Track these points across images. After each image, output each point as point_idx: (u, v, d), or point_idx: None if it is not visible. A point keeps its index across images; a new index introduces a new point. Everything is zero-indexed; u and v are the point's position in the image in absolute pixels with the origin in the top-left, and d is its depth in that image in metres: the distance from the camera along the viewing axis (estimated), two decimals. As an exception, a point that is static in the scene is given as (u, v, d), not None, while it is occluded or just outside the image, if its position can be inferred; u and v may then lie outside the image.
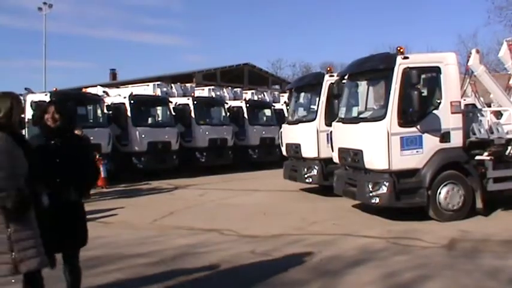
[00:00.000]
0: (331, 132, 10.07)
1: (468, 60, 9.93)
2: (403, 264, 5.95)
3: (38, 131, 4.47)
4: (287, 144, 12.53)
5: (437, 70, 8.51)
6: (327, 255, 6.41)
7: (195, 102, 18.20)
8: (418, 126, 8.21)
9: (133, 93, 17.18)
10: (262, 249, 6.85)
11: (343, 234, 7.73)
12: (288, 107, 15.97)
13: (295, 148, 11.99)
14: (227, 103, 19.99)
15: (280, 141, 13.35)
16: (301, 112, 12.71)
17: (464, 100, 10.27)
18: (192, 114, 17.84)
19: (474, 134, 8.81)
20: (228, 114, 19.26)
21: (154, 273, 5.83)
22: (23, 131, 15.33)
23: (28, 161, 3.72)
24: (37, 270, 3.80)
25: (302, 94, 12.95)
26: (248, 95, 23.52)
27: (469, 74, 10.04)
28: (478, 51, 9.91)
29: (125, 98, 16.71)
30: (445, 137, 8.36)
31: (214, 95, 21.59)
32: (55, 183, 4.08)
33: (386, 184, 8.10)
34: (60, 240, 4.27)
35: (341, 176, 9.55)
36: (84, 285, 5.48)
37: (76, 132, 4.86)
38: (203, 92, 22.02)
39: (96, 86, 21.11)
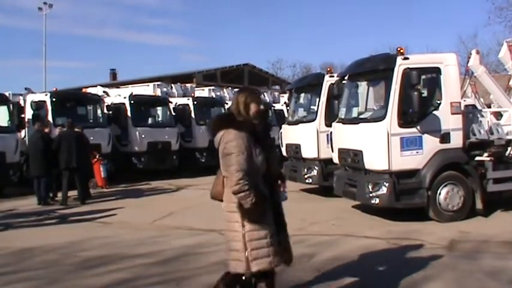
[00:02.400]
0: (331, 132, 10.06)
1: (468, 61, 9.94)
2: (404, 264, 5.95)
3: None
4: (287, 145, 12.53)
5: (437, 71, 8.50)
6: (327, 256, 6.41)
7: (195, 102, 18.19)
8: (418, 127, 8.21)
9: (134, 94, 17.18)
10: (262, 249, 6.83)
11: (343, 234, 7.72)
12: (288, 108, 15.95)
13: (295, 148, 11.99)
14: (227, 103, 19.94)
15: (280, 141, 13.34)
16: (301, 113, 12.71)
17: (464, 101, 10.26)
18: (192, 115, 17.83)
19: (474, 134, 8.81)
20: (228, 114, 19.21)
21: (154, 273, 5.83)
22: (23, 131, 15.16)
23: (265, 159, 3.68)
24: (268, 270, 3.78)
25: (302, 95, 12.95)
26: (248, 95, 23.47)
27: (469, 75, 10.04)
28: (478, 52, 9.92)
29: (125, 98, 16.71)
30: (445, 137, 8.35)
31: (214, 96, 21.58)
32: (271, 180, 3.94)
33: (386, 185, 8.10)
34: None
35: (341, 176, 9.54)
36: (84, 285, 5.49)
37: None
38: (203, 92, 22.02)
39: (96, 86, 21.12)
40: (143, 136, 16.17)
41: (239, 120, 3.73)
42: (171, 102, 17.94)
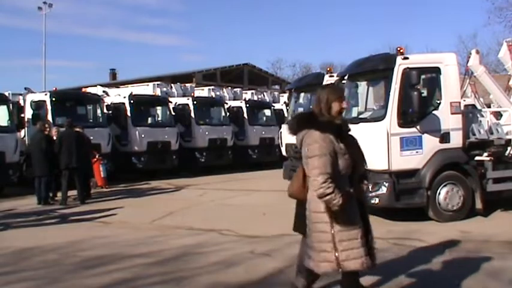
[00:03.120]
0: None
1: (468, 61, 9.93)
2: (404, 264, 5.94)
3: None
4: (287, 145, 12.53)
5: (437, 71, 8.50)
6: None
7: (195, 102, 18.20)
8: (418, 127, 8.21)
9: (133, 93, 17.18)
10: (262, 249, 6.84)
11: (342, 234, 7.71)
12: (287, 107, 15.96)
13: (294, 148, 11.98)
14: (227, 103, 19.99)
15: (280, 141, 13.35)
16: (301, 112, 12.70)
17: (464, 101, 10.26)
18: (192, 114, 17.84)
19: (474, 134, 8.81)
20: (228, 114, 19.26)
21: (154, 273, 5.82)
22: (23, 131, 15.15)
23: (350, 158, 3.63)
24: (357, 271, 3.75)
25: (302, 94, 12.96)
26: (248, 95, 23.51)
27: (469, 75, 10.04)
28: (477, 52, 9.91)
29: (124, 97, 16.72)
30: (444, 137, 8.35)
31: (214, 95, 21.58)
32: (357, 180, 3.90)
33: (386, 184, 8.09)
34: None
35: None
36: (84, 285, 5.49)
37: None
38: (203, 92, 22.01)
39: (96, 85, 21.11)
40: (143, 136, 16.18)
41: (322, 120, 3.64)
42: (171, 102, 17.95)
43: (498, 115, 9.84)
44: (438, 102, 8.42)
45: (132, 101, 16.45)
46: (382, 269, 5.81)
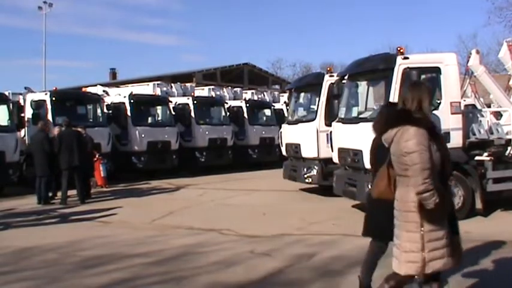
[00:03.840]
0: (330, 132, 10.06)
1: (468, 61, 9.94)
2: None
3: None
4: (287, 144, 12.53)
5: (437, 70, 8.50)
6: (327, 256, 6.41)
7: (195, 101, 18.19)
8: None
9: (133, 93, 17.17)
10: (261, 249, 6.84)
11: (343, 234, 7.71)
12: (287, 107, 15.95)
13: (294, 148, 11.99)
14: (227, 103, 19.98)
15: (280, 141, 13.34)
16: (301, 112, 12.71)
17: (464, 101, 10.26)
18: (192, 114, 17.84)
19: (474, 134, 8.81)
20: (228, 114, 19.25)
21: (153, 273, 5.82)
22: (23, 130, 15.12)
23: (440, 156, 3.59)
24: (439, 272, 3.72)
25: (302, 94, 12.95)
26: (248, 94, 23.52)
27: (469, 75, 10.04)
28: (478, 52, 9.91)
29: (124, 97, 16.71)
30: (444, 137, 8.33)
31: (214, 95, 21.58)
32: (445, 178, 3.84)
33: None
34: None
35: (341, 176, 9.54)
36: (83, 284, 5.49)
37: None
38: (203, 91, 22.02)
39: (96, 85, 21.10)
40: (143, 135, 16.17)
41: (417, 116, 3.59)
42: (171, 102, 17.95)
43: (498, 115, 9.84)
44: (438, 102, 8.41)
45: (132, 101, 16.45)
46: (382, 269, 5.81)
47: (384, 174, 3.87)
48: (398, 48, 8.38)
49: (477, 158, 8.68)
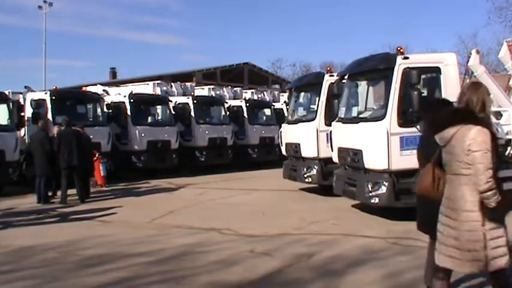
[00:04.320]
0: (330, 132, 10.06)
1: (468, 61, 9.93)
2: (404, 264, 5.95)
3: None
4: (287, 144, 12.53)
5: (437, 70, 8.51)
6: (326, 255, 6.41)
7: (195, 101, 18.19)
8: (418, 127, 8.18)
9: (133, 92, 17.16)
10: (261, 248, 6.85)
11: (342, 234, 7.72)
12: (287, 107, 15.96)
13: (294, 148, 11.99)
14: (227, 102, 19.98)
15: (279, 140, 13.34)
16: (301, 112, 12.71)
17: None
18: (192, 114, 17.83)
19: (474, 134, 8.79)
20: (228, 113, 19.25)
21: (153, 272, 5.83)
22: (23, 129, 15.09)
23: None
24: (503, 269, 3.70)
25: (302, 94, 12.95)
26: (248, 94, 23.52)
27: (469, 75, 10.02)
28: (478, 52, 9.90)
29: (124, 96, 16.70)
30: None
31: (214, 94, 21.59)
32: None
33: (386, 184, 8.10)
34: None
35: (340, 175, 9.54)
36: (83, 283, 5.49)
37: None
38: (203, 91, 22.02)
39: (96, 84, 21.10)
40: (143, 135, 16.17)
41: (481, 116, 3.63)
42: (171, 101, 17.94)
43: (498, 115, 9.83)
44: (438, 102, 8.41)
45: (132, 100, 16.44)
46: (382, 269, 5.82)
47: (428, 172, 3.88)
48: (399, 48, 8.38)
49: (477, 158, 8.66)
